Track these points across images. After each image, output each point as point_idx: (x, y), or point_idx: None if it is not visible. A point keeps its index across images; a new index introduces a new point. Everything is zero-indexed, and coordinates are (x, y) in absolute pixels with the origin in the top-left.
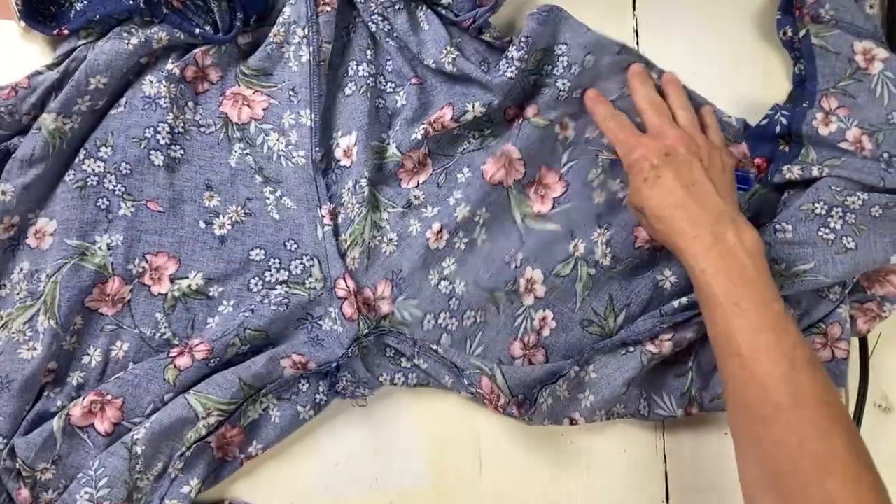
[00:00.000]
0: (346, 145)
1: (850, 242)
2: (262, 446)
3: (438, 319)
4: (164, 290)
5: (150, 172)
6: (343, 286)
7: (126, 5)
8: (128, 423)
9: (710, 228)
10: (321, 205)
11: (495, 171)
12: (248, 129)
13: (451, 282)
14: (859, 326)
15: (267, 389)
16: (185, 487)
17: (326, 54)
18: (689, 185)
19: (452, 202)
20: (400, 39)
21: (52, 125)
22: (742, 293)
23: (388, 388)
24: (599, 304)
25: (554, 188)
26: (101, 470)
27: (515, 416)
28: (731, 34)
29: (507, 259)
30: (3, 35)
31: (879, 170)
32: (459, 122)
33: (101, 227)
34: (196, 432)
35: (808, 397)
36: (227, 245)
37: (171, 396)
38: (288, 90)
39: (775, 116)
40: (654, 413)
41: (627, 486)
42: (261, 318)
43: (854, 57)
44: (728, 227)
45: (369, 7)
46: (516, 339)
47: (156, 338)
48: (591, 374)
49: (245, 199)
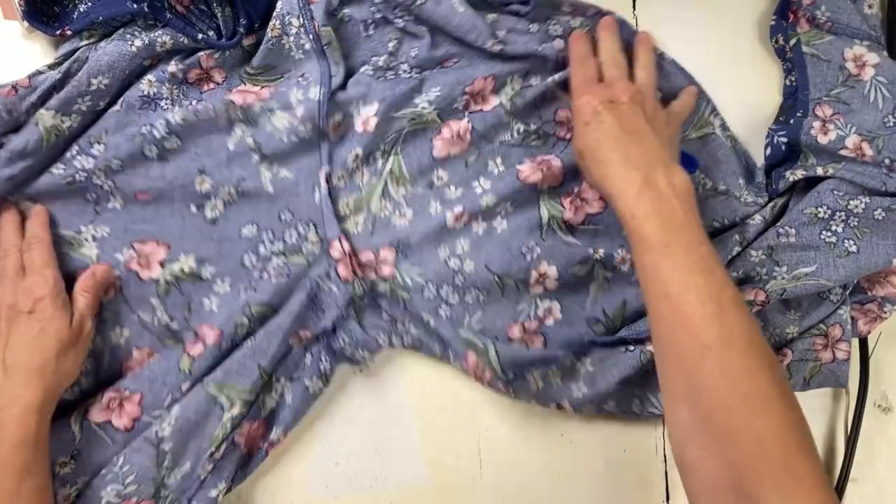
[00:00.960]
0: (366, 115)
1: (852, 246)
2: (283, 430)
3: (440, 291)
4: (156, 275)
5: (142, 166)
6: (338, 247)
7: (129, 8)
8: (147, 418)
9: (642, 173)
10: (321, 166)
11: (531, 173)
12: (252, 109)
13: (461, 260)
14: (860, 327)
15: (279, 373)
16: (213, 491)
17: (330, 37)
18: (629, 131)
19: (479, 191)
20: (428, 24)
21: (49, 122)
22: (671, 235)
23: (388, 388)
24: (610, 307)
25: (592, 204)
26: (128, 467)
27: (501, 391)
28: (730, 34)
29: (524, 250)
30: (7, 35)
31: (881, 175)
32: (499, 94)
33: (87, 217)
34: (223, 428)
35: (736, 338)
36: (218, 226)
37: (188, 386)
38: (297, 77)
39: (774, 140)
40: (646, 412)
41: (627, 486)
42: (264, 292)
43: (845, 64)
44: (659, 172)
45: (390, 4)
46: (516, 323)
47: (155, 323)
48: (588, 367)
49: (239, 178)
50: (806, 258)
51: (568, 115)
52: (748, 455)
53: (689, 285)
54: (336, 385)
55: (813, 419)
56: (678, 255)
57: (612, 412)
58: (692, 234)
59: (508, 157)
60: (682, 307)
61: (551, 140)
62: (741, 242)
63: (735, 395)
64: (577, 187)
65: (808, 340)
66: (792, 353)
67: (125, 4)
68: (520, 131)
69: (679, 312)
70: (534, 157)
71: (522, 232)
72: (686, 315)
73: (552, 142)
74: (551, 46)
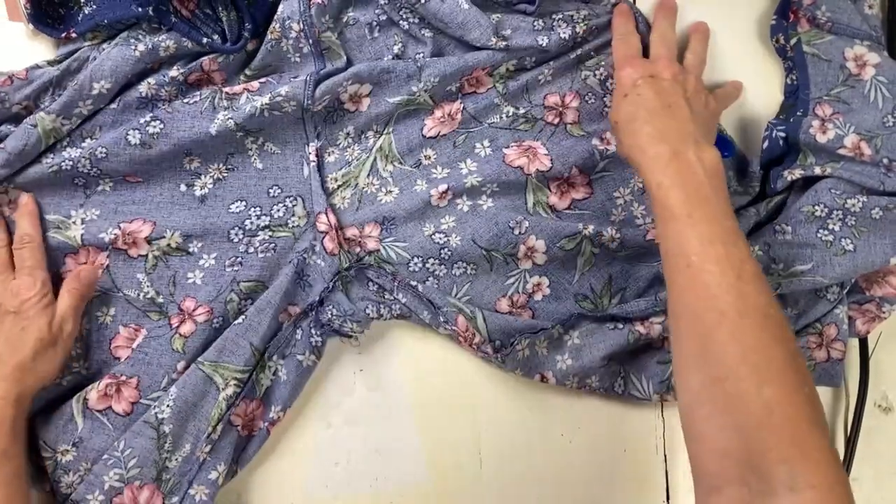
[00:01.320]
0: (355, 91)
1: (848, 244)
2: (281, 408)
3: (426, 264)
4: (144, 251)
5: (125, 153)
6: (324, 220)
7: (135, 12)
8: (146, 401)
9: (672, 146)
10: (308, 143)
11: (517, 157)
12: (238, 99)
13: (446, 235)
14: (858, 327)
15: (270, 352)
16: (213, 473)
17: (329, 42)
18: (666, 105)
19: (465, 171)
20: (434, 27)
21: (49, 125)
22: (695, 206)
23: (388, 389)
24: (597, 282)
25: (578, 189)
26: (129, 451)
27: (489, 355)
28: (730, 34)
29: (512, 224)
30: (12, 36)
31: (879, 174)
32: (494, 77)
33: (78, 201)
34: (218, 408)
35: (752, 308)
36: (206, 203)
37: (183, 365)
38: (290, 77)
39: (772, 134)
40: (627, 393)
41: (627, 486)
42: (251, 268)
43: (846, 64)
44: (690, 146)
45: (395, 4)
46: (505, 297)
47: (140, 297)
48: (575, 340)
49: (227, 154)
50: (802, 256)
51: (556, 101)
52: (756, 422)
53: (710, 255)
54: (336, 384)
55: None
56: (701, 225)
57: (595, 388)
58: (717, 207)
59: (496, 139)
60: (701, 275)
61: (539, 124)
62: None
63: (746, 364)
64: (567, 173)
65: (802, 339)
66: None
67: (130, 8)
68: (509, 114)
69: (698, 279)
70: (521, 141)
71: (508, 210)
72: (705, 282)
73: (540, 126)
74: (555, 39)
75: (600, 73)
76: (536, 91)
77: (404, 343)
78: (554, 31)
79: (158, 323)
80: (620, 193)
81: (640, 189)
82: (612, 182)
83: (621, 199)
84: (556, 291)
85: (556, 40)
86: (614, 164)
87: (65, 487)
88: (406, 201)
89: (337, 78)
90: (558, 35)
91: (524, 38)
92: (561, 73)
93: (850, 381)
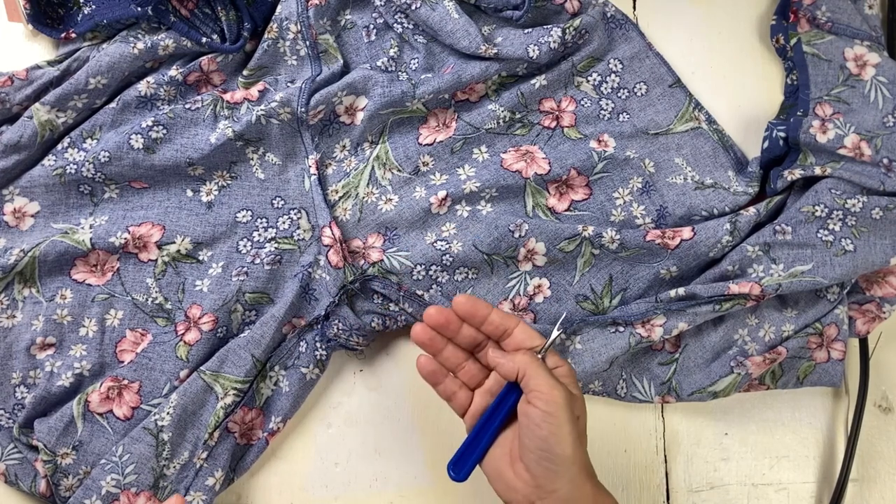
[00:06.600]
0: (349, 104)
1: (849, 245)
2: (281, 419)
3: (429, 271)
4: (154, 256)
5: (128, 157)
6: (329, 234)
7: (134, 11)
8: (146, 406)
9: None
10: (308, 155)
11: (514, 161)
12: (239, 109)
13: (447, 242)
14: (858, 327)
15: (272, 362)
16: (210, 480)
17: (327, 45)
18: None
19: (463, 177)
20: (427, 34)
21: (44, 117)
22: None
23: (388, 389)
24: (598, 283)
25: (577, 191)
26: (127, 456)
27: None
28: (730, 34)
29: (512, 227)
30: (11, 37)
31: (879, 174)
32: (486, 84)
33: (87, 210)
34: (215, 416)
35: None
36: (213, 210)
37: (186, 373)
38: (286, 82)
39: (773, 135)
40: (630, 396)
41: (627, 486)
42: (257, 279)
43: (846, 64)
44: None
45: (391, 7)
46: (506, 300)
47: (148, 303)
48: (577, 345)
49: (230, 163)
50: (802, 256)
51: (552, 105)
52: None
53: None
54: (336, 385)
55: (813, 419)
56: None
57: (598, 393)
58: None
59: (493, 144)
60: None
61: (535, 129)
62: (732, 231)
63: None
64: (565, 175)
65: (803, 339)
66: (787, 350)
67: (129, 7)
68: (505, 119)
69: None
70: (518, 146)
71: (508, 214)
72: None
73: (536, 130)
74: (545, 50)
75: (593, 79)
76: (531, 96)
77: (404, 343)
78: (544, 42)
79: (164, 329)
80: (620, 194)
81: (639, 190)
82: (612, 183)
83: (621, 200)
84: (557, 293)
85: (545, 51)
86: (613, 165)
87: (63, 490)
88: (406, 209)
89: (331, 88)
90: (548, 45)
91: (515, 48)
92: (554, 79)
93: (850, 382)
